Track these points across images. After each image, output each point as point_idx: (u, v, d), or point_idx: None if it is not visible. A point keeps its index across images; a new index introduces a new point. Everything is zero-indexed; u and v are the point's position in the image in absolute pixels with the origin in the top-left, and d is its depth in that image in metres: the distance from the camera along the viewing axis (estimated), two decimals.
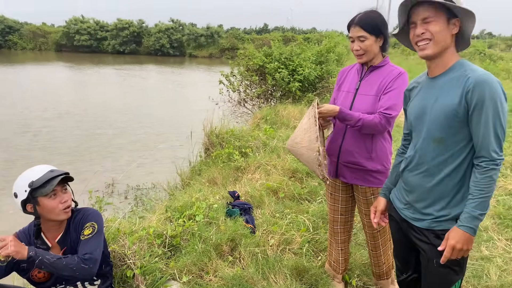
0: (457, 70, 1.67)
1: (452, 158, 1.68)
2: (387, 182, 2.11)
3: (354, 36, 2.34)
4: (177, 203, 3.85)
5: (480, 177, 1.59)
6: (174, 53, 53.27)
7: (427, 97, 1.75)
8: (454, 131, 1.65)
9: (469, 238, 1.61)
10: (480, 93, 1.55)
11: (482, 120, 1.57)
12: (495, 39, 75.48)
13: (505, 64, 19.37)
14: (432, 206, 1.75)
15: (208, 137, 6.40)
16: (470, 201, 1.61)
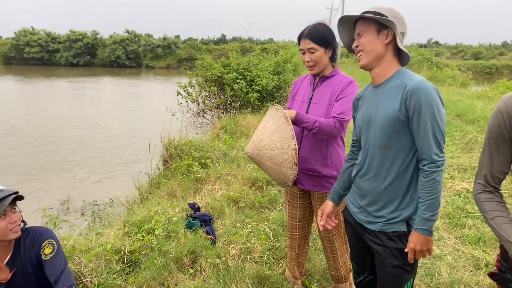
0: (397, 79, 1.75)
1: (399, 162, 1.76)
2: (335, 186, 2.18)
3: (304, 48, 2.42)
4: (135, 218, 3.78)
5: (425, 180, 1.67)
6: (131, 65, 52.40)
7: (372, 106, 1.84)
8: (398, 137, 1.73)
9: (426, 239, 1.69)
10: (417, 99, 1.63)
11: (421, 125, 1.65)
12: (441, 47, 79.63)
13: (450, 71, 20.46)
14: (383, 209, 1.83)
15: (166, 149, 6.32)
16: (420, 204, 1.69)
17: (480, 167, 1.52)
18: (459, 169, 5.79)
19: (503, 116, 1.39)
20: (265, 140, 2.34)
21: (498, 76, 36.85)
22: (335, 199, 2.17)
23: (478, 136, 7.23)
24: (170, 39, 55.94)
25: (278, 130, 2.31)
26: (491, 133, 1.45)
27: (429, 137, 1.65)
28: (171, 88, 10.01)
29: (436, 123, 1.64)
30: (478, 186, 1.52)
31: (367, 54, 1.77)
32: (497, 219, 1.42)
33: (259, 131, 2.42)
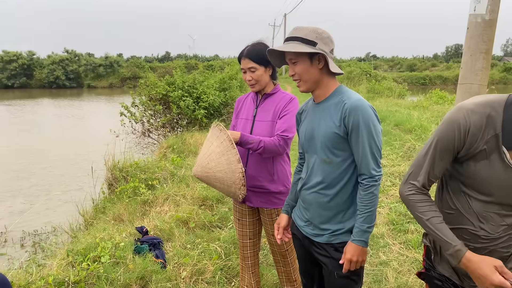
0: (336, 97, 1.83)
1: (341, 176, 1.82)
2: (288, 199, 2.21)
3: (245, 68, 2.47)
4: (80, 246, 3.61)
5: (363, 193, 1.74)
6: (71, 85, 50.43)
7: (313, 121, 1.89)
8: (339, 152, 1.80)
9: (362, 250, 1.75)
10: (355, 117, 1.71)
11: (360, 142, 1.73)
12: (379, 60, 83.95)
13: (388, 83, 21.57)
14: (329, 221, 1.87)
15: (111, 172, 6.12)
16: (358, 216, 1.76)
17: (416, 169, 1.52)
18: (400, 177, 6.07)
19: (460, 129, 1.36)
20: (212, 163, 2.36)
21: (432, 86, 39.30)
22: (289, 212, 2.19)
23: (416, 144, 7.64)
24: (112, 57, 54.65)
25: (224, 154, 2.33)
26: (441, 141, 1.43)
27: (367, 153, 1.73)
28: (115, 108, 9.71)
29: (373, 140, 1.73)
30: (411, 187, 1.52)
31: (305, 82, 1.83)
32: (432, 219, 1.45)
33: (205, 152, 2.42)
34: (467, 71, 4.93)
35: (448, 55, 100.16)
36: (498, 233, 1.44)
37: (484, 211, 1.43)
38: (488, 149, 1.34)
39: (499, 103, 1.32)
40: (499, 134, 1.32)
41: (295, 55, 1.79)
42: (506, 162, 1.33)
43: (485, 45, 4.75)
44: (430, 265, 1.67)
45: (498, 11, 4.66)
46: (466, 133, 1.35)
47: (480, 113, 1.32)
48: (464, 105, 1.37)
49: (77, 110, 25.45)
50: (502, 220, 1.42)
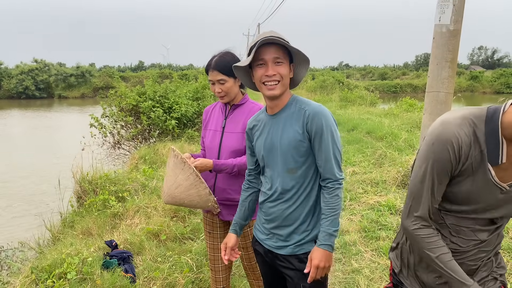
0: (294, 105, 1.83)
1: (305, 184, 1.82)
2: (236, 218, 2.16)
3: (214, 80, 2.42)
4: (45, 262, 3.47)
5: (329, 196, 1.75)
6: (41, 95, 49.04)
7: (273, 133, 1.86)
8: (303, 160, 1.79)
9: (329, 255, 1.74)
10: (317, 123, 1.73)
11: (323, 147, 1.74)
12: (351, 69, 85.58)
13: (360, 92, 21.98)
14: (293, 232, 1.85)
15: (79, 184, 5.95)
16: (324, 221, 1.75)
17: (416, 200, 1.41)
18: (371, 184, 6.14)
19: (454, 147, 1.29)
20: (182, 195, 2.33)
21: (402, 94, 40.28)
22: (238, 231, 2.15)
23: (387, 151, 7.77)
24: (84, 67, 53.58)
25: (192, 187, 2.30)
26: (438, 164, 1.32)
27: (330, 158, 1.74)
28: (86, 119, 9.47)
29: (335, 144, 1.76)
30: (416, 221, 1.41)
31: (283, 86, 1.78)
32: (442, 257, 1.38)
33: (172, 183, 2.35)
34: (434, 80, 5.06)
35: (417, 63, 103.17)
36: (468, 247, 1.43)
37: (457, 225, 1.42)
38: (474, 165, 1.31)
39: (481, 118, 1.29)
40: (484, 150, 1.29)
41: (283, 55, 1.75)
42: (491, 180, 1.31)
43: (451, 54, 4.90)
44: (397, 280, 1.66)
45: (461, 21, 4.82)
46: (460, 150, 1.29)
47: (467, 128, 1.29)
48: (450, 121, 1.30)
49: (47, 121, 24.78)
50: (474, 235, 1.41)
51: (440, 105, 5.07)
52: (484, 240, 1.42)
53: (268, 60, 1.73)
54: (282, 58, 1.74)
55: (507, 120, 1.23)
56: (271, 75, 1.74)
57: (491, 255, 1.48)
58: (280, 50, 1.74)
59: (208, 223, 2.72)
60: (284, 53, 1.75)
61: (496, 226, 1.43)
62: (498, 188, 1.32)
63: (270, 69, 1.74)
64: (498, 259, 1.52)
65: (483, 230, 1.41)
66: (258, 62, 1.76)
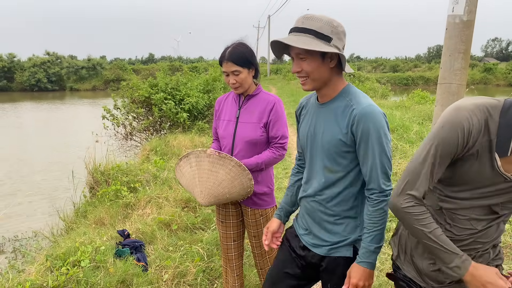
0: (344, 98, 1.65)
1: (344, 185, 1.69)
2: (282, 203, 2.06)
3: (228, 71, 2.41)
4: (59, 250, 3.55)
5: (372, 209, 1.61)
6: (53, 88, 49.61)
7: (316, 123, 1.73)
8: (343, 161, 1.66)
9: (369, 273, 1.63)
10: (364, 125, 1.55)
11: (369, 153, 1.57)
12: (362, 61, 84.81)
13: (371, 84, 21.80)
14: (329, 233, 1.77)
15: (92, 175, 6.04)
16: (365, 235, 1.62)
17: (412, 178, 1.38)
18: None
19: (464, 132, 1.27)
20: (225, 190, 2.35)
21: (414, 86, 39.83)
22: (282, 217, 2.04)
23: (398, 143, 7.72)
24: (95, 60, 54.02)
25: (236, 178, 2.33)
26: (443, 145, 1.31)
27: (376, 166, 1.58)
28: (98, 111, 9.59)
29: (384, 151, 1.57)
30: (408, 198, 1.39)
31: (313, 80, 1.62)
32: (435, 232, 1.37)
33: (213, 183, 2.33)
34: (446, 71, 5.00)
35: (430, 55, 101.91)
36: (463, 236, 1.42)
37: (453, 212, 1.42)
38: (480, 152, 1.30)
39: (496, 108, 1.28)
40: (493, 140, 1.28)
41: (305, 51, 1.56)
42: (496, 169, 1.30)
43: (464, 45, 4.83)
44: (395, 265, 1.66)
45: (475, 11, 4.74)
46: (469, 135, 1.28)
47: (480, 115, 1.27)
48: (465, 106, 1.29)
49: (59, 114, 25.08)
50: (470, 224, 1.40)
51: (452, 96, 5.02)
52: (480, 230, 1.41)
53: (293, 55, 1.62)
54: (304, 54, 1.57)
55: None
56: (295, 72, 1.64)
57: (488, 247, 1.46)
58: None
59: (220, 212, 2.75)
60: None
61: (495, 217, 1.41)
62: (502, 177, 1.32)
63: (294, 65, 1.63)
64: (496, 251, 1.50)
65: (479, 220, 1.40)
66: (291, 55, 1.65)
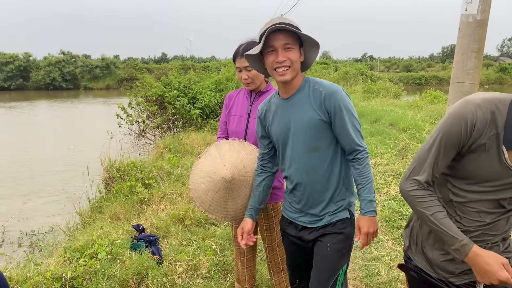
0: (307, 87, 1.90)
1: (329, 160, 1.91)
2: (251, 203, 2.23)
3: (241, 66, 2.50)
4: (77, 243, 3.66)
5: (360, 167, 1.86)
6: (67, 87, 50.39)
7: (290, 115, 1.93)
8: (324, 137, 1.88)
9: (374, 220, 1.85)
10: (334, 101, 1.82)
11: (344, 122, 1.83)
12: (375, 61, 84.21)
13: (383, 83, 21.70)
14: (325, 207, 1.96)
15: (107, 171, 6.17)
16: (361, 190, 1.86)
17: (419, 164, 1.48)
18: (393, 175, 6.14)
19: (467, 124, 1.33)
20: (248, 167, 2.36)
21: (428, 86, 39.46)
22: (253, 216, 2.21)
23: (410, 143, 7.71)
24: (108, 59, 54.68)
25: (256, 161, 2.36)
26: (447, 136, 1.38)
27: (352, 130, 1.84)
28: (111, 109, 9.76)
29: (354, 117, 1.85)
30: (413, 183, 1.48)
31: (293, 70, 1.82)
32: (437, 214, 1.43)
33: (236, 157, 2.38)
34: (459, 70, 5.00)
35: (444, 55, 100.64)
36: (472, 227, 1.46)
37: (463, 205, 1.45)
38: (487, 145, 1.34)
39: (504, 103, 1.32)
40: (500, 133, 1.32)
41: (292, 40, 1.79)
42: (504, 162, 1.34)
43: (477, 44, 4.82)
44: (408, 256, 1.71)
45: (489, 11, 4.73)
46: (473, 128, 1.33)
47: (486, 108, 1.32)
48: (471, 100, 1.34)
49: (73, 112, 25.44)
50: (479, 216, 1.44)
51: (465, 96, 5.01)
52: (489, 223, 1.45)
53: (278, 46, 1.78)
54: (291, 44, 1.78)
55: None
56: (281, 61, 1.79)
57: (498, 240, 1.50)
58: (290, 36, 1.78)
59: None
60: (293, 39, 1.79)
61: (505, 211, 1.44)
62: (509, 170, 1.35)
63: (280, 55, 1.79)
64: (506, 244, 1.54)
65: (489, 213, 1.44)
66: (269, 49, 1.82)
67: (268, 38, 1.78)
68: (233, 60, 2.58)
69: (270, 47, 1.80)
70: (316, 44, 1.84)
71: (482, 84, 22.85)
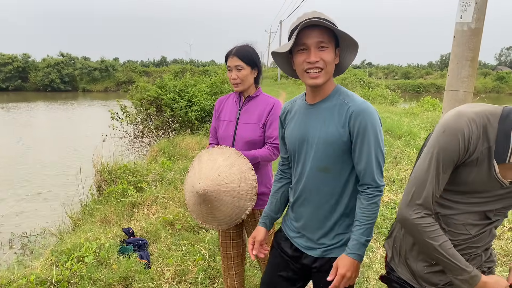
0: (336, 98, 1.67)
1: (338, 186, 1.69)
2: (267, 210, 2.03)
3: (232, 65, 2.49)
4: (65, 246, 3.63)
5: (366, 203, 1.61)
6: (66, 88, 50.32)
7: (308, 125, 1.72)
8: (339, 159, 1.66)
9: (357, 265, 1.64)
10: (361, 122, 1.58)
11: (365, 149, 1.59)
12: (374, 68, 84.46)
13: (380, 90, 21.75)
14: (325, 235, 1.76)
15: (100, 174, 6.14)
16: (357, 228, 1.63)
17: (419, 187, 1.39)
18: (387, 182, 6.12)
19: (464, 138, 1.29)
20: (223, 175, 2.28)
21: (426, 94, 39.44)
22: (267, 224, 2.00)
23: (405, 150, 7.71)
24: (108, 61, 54.66)
25: (234, 164, 2.31)
26: (445, 152, 1.32)
27: (372, 161, 1.61)
28: (109, 112, 9.76)
29: (379, 147, 1.61)
30: (419, 209, 1.39)
31: (327, 73, 1.61)
32: (444, 245, 1.37)
33: (210, 168, 2.31)
34: (454, 78, 5.00)
35: (442, 63, 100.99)
36: (458, 241, 1.44)
37: (450, 217, 1.43)
38: (480, 158, 1.32)
39: (495, 116, 1.30)
40: (492, 147, 1.30)
41: (328, 38, 1.57)
42: (494, 175, 1.33)
43: (471, 53, 4.83)
44: (390, 268, 1.67)
45: (483, 19, 4.74)
46: (470, 142, 1.29)
47: (479, 122, 1.30)
48: (465, 113, 1.31)
49: (71, 114, 25.41)
50: (465, 229, 1.42)
51: (459, 104, 5.02)
52: (474, 235, 1.44)
53: (310, 44, 1.56)
54: (326, 43, 1.56)
55: None
56: (313, 62, 1.57)
57: (480, 251, 1.49)
58: (325, 34, 1.56)
59: None
60: (329, 37, 1.57)
61: (488, 222, 1.44)
62: (498, 183, 1.34)
63: (312, 55, 1.57)
64: (488, 254, 1.53)
65: (475, 225, 1.43)
66: (300, 47, 1.59)
67: (300, 34, 1.57)
68: (225, 59, 2.57)
69: (302, 44, 1.58)
70: (355, 44, 1.61)
71: (479, 93, 22.88)
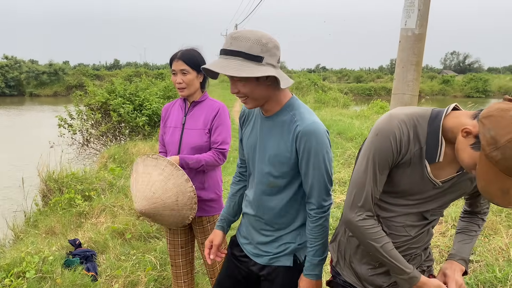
0: (288, 112, 1.63)
1: (286, 198, 1.69)
2: (224, 213, 2.01)
3: (176, 69, 2.43)
4: (4, 261, 3.41)
5: (312, 225, 1.62)
6: (11, 93, 47.71)
7: (261, 136, 1.70)
8: (286, 174, 1.65)
9: (317, 284, 1.67)
10: (306, 143, 1.55)
11: (310, 170, 1.58)
12: (328, 72, 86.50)
13: (333, 94, 22.31)
14: (270, 243, 1.77)
15: (45, 183, 5.85)
16: (309, 249, 1.65)
17: (359, 190, 1.41)
18: (339, 183, 6.25)
19: (396, 139, 1.33)
20: (158, 192, 2.22)
21: (377, 97, 40.90)
22: (225, 228, 1.99)
23: (356, 151, 7.92)
24: (57, 65, 52.39)
25: (169, 178, 2.25)
26: (380, 153, 1.35)
27: (316, 184, 1.59)
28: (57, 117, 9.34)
29: (325, 168, 1.58)
30: (360, 211, 1.42)
31: (254, 100, 1.57)
32: (385, 246, 1.41)
33: (145, 184, 2.26)
34: (400, 82, 5.20)
35: (392, 67, 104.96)
36: (399, 243, 1.47)
37: (389, 220, 1.47)
38: (412, 160, 1.36)
39: (424, 117, 1.34)
40: (423, 148, 1.34)
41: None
42: (427, 175, 1.37)
43: (416, 57, 5.04)
44: (336, 272, 1.69)
45: (426, 25, 4.97)
46: (402, 143, 1.33)
47: (409, 124, 1.34)
48: (396, 115, 1.35)
49: (16, 120, 24.13)
50: (405, 230, 1.46)
51: (405, 106, 5.22)
52: (414, 236, 1.49)
53: (229, 77, 1.53)
54: (237, 77, 1.49)
55: (447, 123, 1.31)
56: (234, 93, 1.56)
57: (419, 251, 1.55)
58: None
59: None
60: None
61: (426, 223, 1.49)
62: (431, 183, 1.39)
63: (231, 86, 1.56)
64: (427, 253, 1.60)
65: (414, 226, 1.47)
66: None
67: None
68: (170, 63, 2.51)
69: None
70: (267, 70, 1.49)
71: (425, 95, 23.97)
